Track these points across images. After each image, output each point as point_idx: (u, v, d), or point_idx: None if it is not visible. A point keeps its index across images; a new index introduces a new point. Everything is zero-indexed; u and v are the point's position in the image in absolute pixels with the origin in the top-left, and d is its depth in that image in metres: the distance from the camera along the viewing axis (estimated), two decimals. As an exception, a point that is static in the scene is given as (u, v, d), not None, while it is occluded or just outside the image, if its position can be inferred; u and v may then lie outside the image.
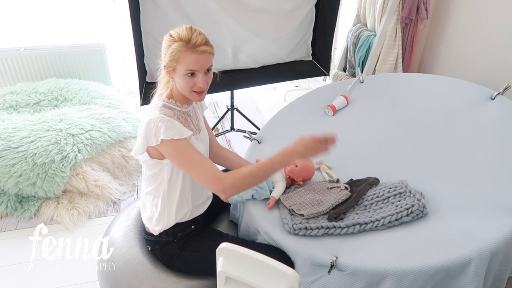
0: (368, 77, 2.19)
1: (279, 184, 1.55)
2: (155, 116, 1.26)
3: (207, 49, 1.26)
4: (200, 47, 1.24)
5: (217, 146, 1.64)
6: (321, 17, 2.63)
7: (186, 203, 1.41)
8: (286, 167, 1.62)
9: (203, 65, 1.27)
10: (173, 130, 1.24)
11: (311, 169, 1.64)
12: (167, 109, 1.33)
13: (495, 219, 1.32)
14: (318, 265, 1.25)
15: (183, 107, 1.39)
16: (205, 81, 1.30)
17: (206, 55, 1.27)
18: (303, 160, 1.61)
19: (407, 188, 1.48)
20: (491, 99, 1.77)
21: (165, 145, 1.25)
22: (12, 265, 1.95)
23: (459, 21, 2.21)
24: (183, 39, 1.24)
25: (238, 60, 2.58)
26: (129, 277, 1.42)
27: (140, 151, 1.33)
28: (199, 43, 1.24)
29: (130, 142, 2.68)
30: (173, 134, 1.24)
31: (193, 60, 1.25)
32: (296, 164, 1.60)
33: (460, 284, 1.22)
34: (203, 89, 1.31)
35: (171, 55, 1.26)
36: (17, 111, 2.75)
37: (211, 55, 1.29)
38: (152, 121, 1.25)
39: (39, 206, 2.28)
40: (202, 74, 1.28)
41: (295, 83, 4.04)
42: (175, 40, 1.25)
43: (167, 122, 1.25)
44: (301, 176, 1.62)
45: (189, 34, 1.24)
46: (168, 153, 1.27)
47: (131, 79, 3.47)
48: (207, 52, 1.26)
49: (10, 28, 3.20)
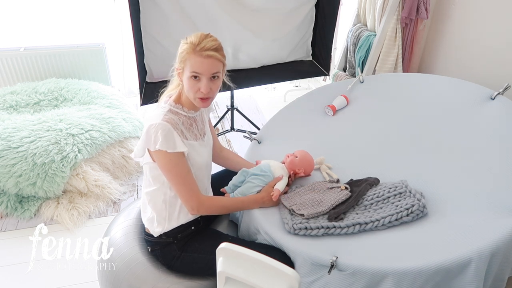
0: (368, 77, 2.19)
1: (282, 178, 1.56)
2: (158, 122, 1.27)
3: (214, 54, 1.27)
4: (207, 51, 1.25)
5: (218, 147, 1.64)
6: (321, 17, 2.64)
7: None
8: (287, 160, 1.62)
9: (207, 69, 1.27)
10: (169, 142, 1.26)
11: (310, 160, 1.65)
12: (173, 114, 1.33)
13: (495, 219, 1.32)
14: (318, 265, 1.25)
15: (189, 112, 1.39)
16: (210, 87, 1.30)
17: (212, 60, 1.27)
18: (301, 152, 1.63)
19: (407, 188, 1.48)
20: (491, 99, 1.77)
21: (159, 155, 1.28)
22: (12, 265, 1.95)
23: (459, 21, 2.21)
24: (193, 42, 1.26)
25: (238, 60, 2.58)
26: (129, 277, 1.42)
27: (140, 154, 1.34)
28: (207, 48, 1.25)
29: (130, 142, 2.68)
30: (168, 147, 1.26)
31: (198, 62, 1.26)
32: (296, 155, 1.62)
33: (460, 284, 1.22)
34: (207, 95, 1.31)
35: (180, 56, 1.30)
36: (17, 111, 2.75)
37: (218, 62, 1.29)
38: (153, 127, 1.27)
39: (39, 206, 2.28)
40: (206, 79, 1.28)
41: (295, 83, 4.04)
42: (186, 42, 1.28)
43: (167, 132, 1.26)
44: (302, 167, 1.62)
45: (200, 38, 1.27)
46: (160, 162, 1.30)
47: (131, 79, 3.47)
48: (213, 57, 1.27)
49: (10, 28, 3.20)
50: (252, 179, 1.53)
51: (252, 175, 1.54)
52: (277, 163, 1.61)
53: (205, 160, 1.44)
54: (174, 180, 1.32)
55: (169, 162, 1.28)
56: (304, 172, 1.64)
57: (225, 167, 1.70)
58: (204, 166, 1.44)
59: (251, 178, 1.54)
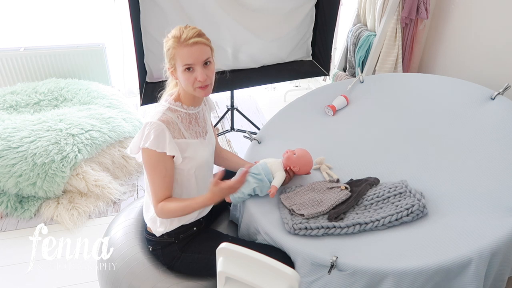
0: (368, 77, 2.19)
1: (278, 174, 1.54)
2: (153, 121, 1.28)
3: (199, 40, 1.26)
4: (191, 39, 1.25)
5: (218, 148, 1.64)
6: (321, 17, 2.63)
7: None
8: (285, 155, 1.60)
9: (197, 57, 1.26)
10: (159, 143, 1.27)
11: (308, 160, 1.62)
12: (171, 112, 1.33)
13: (495, 219, 1.32)
14: (318, 265, 1.25)
15: (189, 109, 1.39)
16: (205, 74, 1.29)
17: (199, 46, 1.26)
18: (301, 150, 1.61)
19: (407, 188, 1.48)
20: (491, 99, 1.77)
21: (145, 152, 1.29)
22: (12, 265, 1.95)
23: (459, 21, 2.21)
24: (175, 36, 1.26)
25: (238, 60, 2.58)
26: (129, 277, 1.42)
27: (136, 150, 1.34)
28: (190, 36, 1.25)
29: (130, 142, 2.68)
30: (157, 147, 1.27)
31: (187, 53, 1.25)
32: (294, 152, 1.60)
33: (460, 284, 1.22)
34: (205, 82, 1.30)
35: (167, 54, 1.29)
36: (17, 111, 2.75)
37: (205, 46, 1.28)
38: (148, 125, 1.28)
39: (39, 206, 2.28)
40: (200, 67, 1.28)
41: (295, 83, 4.04)
42: (169, 39, 1.28)
43: (159, 132, 1.27)
44: (298, 165, 1.59)
45: (180, 30, 1.27)
46: (144, 158, 1.31)
47: (131, 79, 3.47)
48: (199, 43, 1.26)
49: (10, 28, 3.20)
50: (249, 178, 1.53)
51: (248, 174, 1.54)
52: (275, 160, 1.60)
53: (205, 159, 1.43)
54: (150, 178, 1.32)
55: (152, 159, 1.29)
56: (299, 170, 1.61)
57: (225, 168, 1.70)
58: (204, 164, 1.43)
59: (247, 176, 1.53)
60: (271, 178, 1.53)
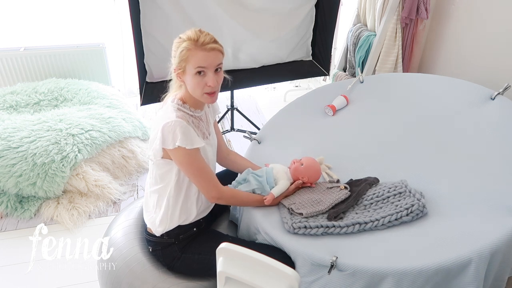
0: (368, 77, 2.19)
1: (281, 183, 1.52)
2: (172, 119, 1.27)
3: (216, 46, 1.28)
4: (209, 44, 1.27)
5: (225, 150, 1.64)
6: (321, 17, 2.63)
7: (190, 206, 1.42)
8: (292, 166, 1.58)
9: (212, 62, 1.28)
10: (188, 138, 1.27)
11: (317, 169, 1.59)
12: (182, 113, 1.33)
13: (495, 219, 1.32)
14: (318, 265, 1.25)
15: (195, 112, 1.39)
16: (216, 80, 1.30)
17: (215, 53, 1.28)
18: (308, 159, 1.58)
19: (407, 187, 1.48)
20: (491, 99, 1.77)
21: (178, 151, 1.28)
22: (12, 265, 1.95)
23: (459, 21, 2.21)
24: (191, 38, 1.27)
25: (238, 60, 2.58)
26: (129, 278, 1.42)
27: (160, 154, 1.33)
28: (208, 42, 1.27)
29: (130, 142, 2.68)
30: (186, 143, 1.26)
31: (203, 57, 1.26)
32: (301, 162, 1.56)
33: (460, 284, 1.22)
34: (214, 89, 1.31)
35: (180, 54, 1.27)
36: (17, 111, 2.75)
37: (220, 53, 1.30)
38: (169, 125, 1.26)
39: (39, 206, 2.28)
40: (212, 72, 1.29)
41: (295, 83, 4.04)
42: (184, 40, 1.28)
43: (184, 128, 1.27)
44: (307, 175, 1.56)
45: (197, 34, 1.27)
46: (179, 159, 1.30)
47: (131, 79, 3.47)
48: (216, 49, 1.28)
49: (10, 28, 3.20)
50: (250, 178, 1.53)
51: (251, 174, 1.54)
52: (282, 166, 1.58)
53: (209, 159, 1.44)
54: (194, 174, 1.33)
55: (188, 157, 1.29)
56: (308, 180, 1.57)
57: (232, 170, 1.69)
58: (209, 164, 1.44)
59: (249, 176, 1.53)
60: (273, 184, 1.53)
